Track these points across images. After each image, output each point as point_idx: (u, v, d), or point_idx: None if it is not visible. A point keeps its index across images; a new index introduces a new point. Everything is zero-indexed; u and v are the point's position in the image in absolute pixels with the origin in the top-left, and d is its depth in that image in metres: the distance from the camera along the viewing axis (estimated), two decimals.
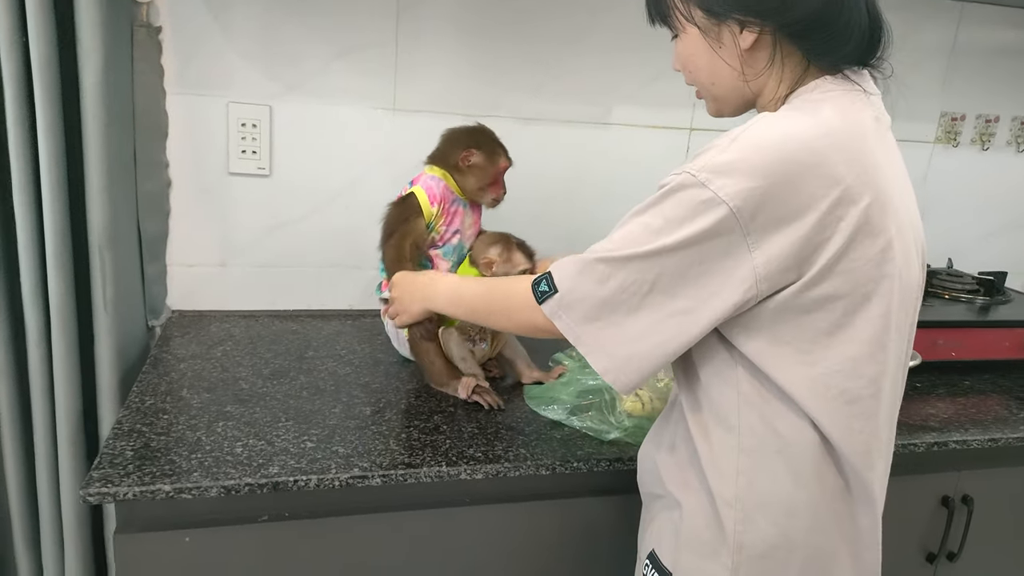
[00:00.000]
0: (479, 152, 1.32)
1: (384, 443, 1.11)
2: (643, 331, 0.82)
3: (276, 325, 1.54)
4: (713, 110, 0.94)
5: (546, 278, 0.89)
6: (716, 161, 0.77)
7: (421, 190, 1.30)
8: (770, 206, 0.75)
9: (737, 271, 0.77)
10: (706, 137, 1.76)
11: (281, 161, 1.53)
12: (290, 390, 1.25)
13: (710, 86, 0.90)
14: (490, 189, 1.34)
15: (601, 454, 1.13)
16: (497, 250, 1.27)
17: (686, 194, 0.78)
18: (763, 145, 0.76)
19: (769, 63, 0.85)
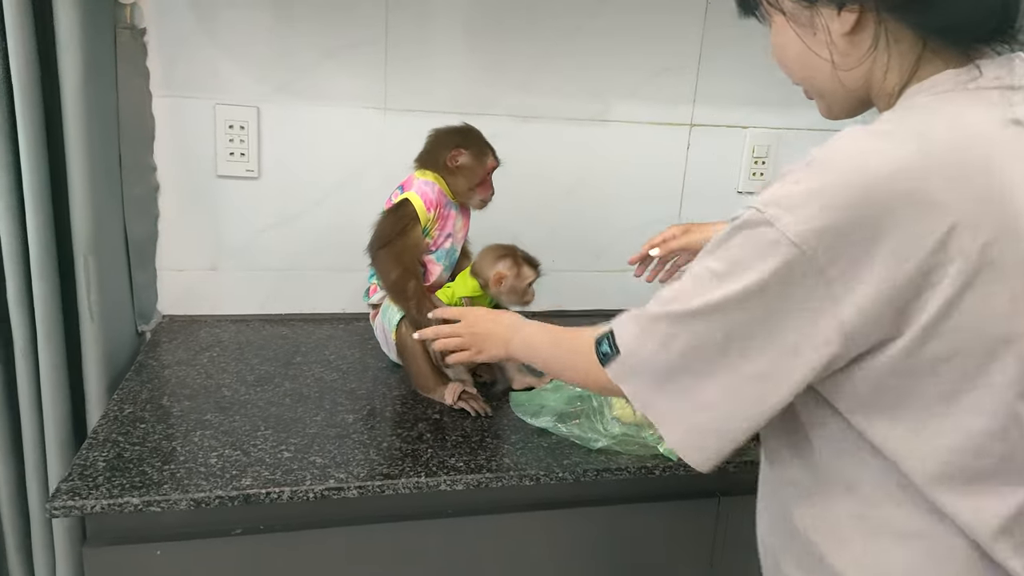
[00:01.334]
0: (467, 152, 1.29)
1: (364, 452, 1.07)
2: (718, 398, 0.69)
3: (266, 330, 1.52)
4: (824, 110, 0.79)
5: (607, 337, 0.78)
6: (786, 193, 0.63)
7: (416, 196, 1.27)
8: (854, 247, 0.61)
9: (819, 326, 0.63)
10: (708, 133, 1.71)
11: (270, 163, 1.51)
12: (273, 397, 1.22)
13: (810, 81, 0.76)
14: (478, 190, 1.30)
15: (588, 463, 1.09)
16: (507, 264, 1.23)
17: (753, 233, 0.65)
18: (842, 171, 0.62)
19: (872, 48, 0.69)
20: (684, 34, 1.63)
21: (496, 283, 1.22)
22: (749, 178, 1.75)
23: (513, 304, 1.25)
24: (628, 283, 1.76)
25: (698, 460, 0.72)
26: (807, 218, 0.61)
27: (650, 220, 1.73)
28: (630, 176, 1.70)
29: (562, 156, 1.64)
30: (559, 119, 1.62)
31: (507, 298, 1.24)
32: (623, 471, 1.09)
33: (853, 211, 0.61)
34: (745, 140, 1.73)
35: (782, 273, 0.63)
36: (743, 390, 0.68)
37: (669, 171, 1.72)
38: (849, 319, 0.62)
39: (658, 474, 1.10)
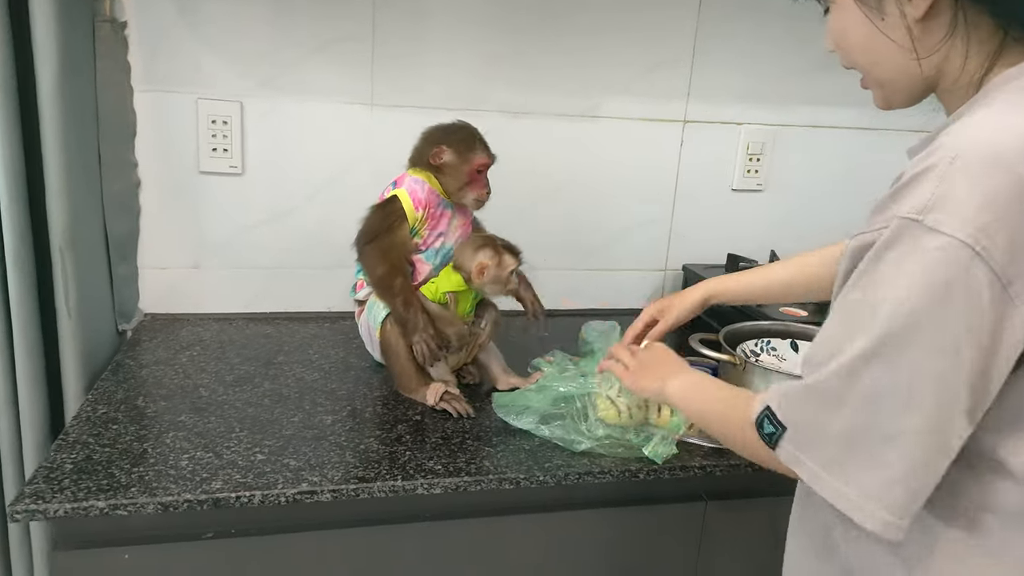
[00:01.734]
0: (449, 149, 1.25)
1: (340, 455, 1.05)
2: (914, 450, 0.60)
3: (250, 329, 1.49)
4: (881, 100, 0.74)
5: (767, 416, 0.69)
6: (941, 195, 0.58)
7: (405, 193, 1.24)
8: (1019, 231, 0.57)
9: (1008, 329, 0.58)
10: (701, 130, 1.68)
11: (254, 159, 1.48)
12: (251, 398, 1.20)
13: (872, 68, 0.71)
14: (469, 188, 1.26)
15: (571, 466, 1.06)
16: (487, 254, 1.20)
17: (911, 244, 0.58)
18: (996, 160, 0.57)
19: (948, 35, 0.65)
20: (678, 28, 1.60)
21: (479, 274, 1.19)
22: (743, 176, 1.72)
23: (496, 294, 1.22)
24: (620, 282, 1.74)
25: (898, 533, 0.62)
26: (974, 216, 0.56)
27: (643, 219, 1.70)
28: (622, 174, 1.66)
29: (553, 153, 1.62)
30: (550, 115, 1.59)
31: (490, 288, 1.21)
32: (606, 474, 1.06)
33: (1015, 201, 0.57)
34: (740, 137, 1.70)
35: (959, 280, 0.57)
36: (941, 429, 0.60)
37: (662, 168, 1.69)
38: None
39: (642, 477, 1.07)
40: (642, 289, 1.75)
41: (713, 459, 1.11)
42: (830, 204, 1.77)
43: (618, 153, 1.65)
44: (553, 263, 1.67)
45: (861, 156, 1.77)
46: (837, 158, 1.76)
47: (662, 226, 1.72)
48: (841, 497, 0.63)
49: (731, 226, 1.76)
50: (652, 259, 1.74)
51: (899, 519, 0.61)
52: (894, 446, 0.60)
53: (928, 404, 0.59)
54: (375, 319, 1.26)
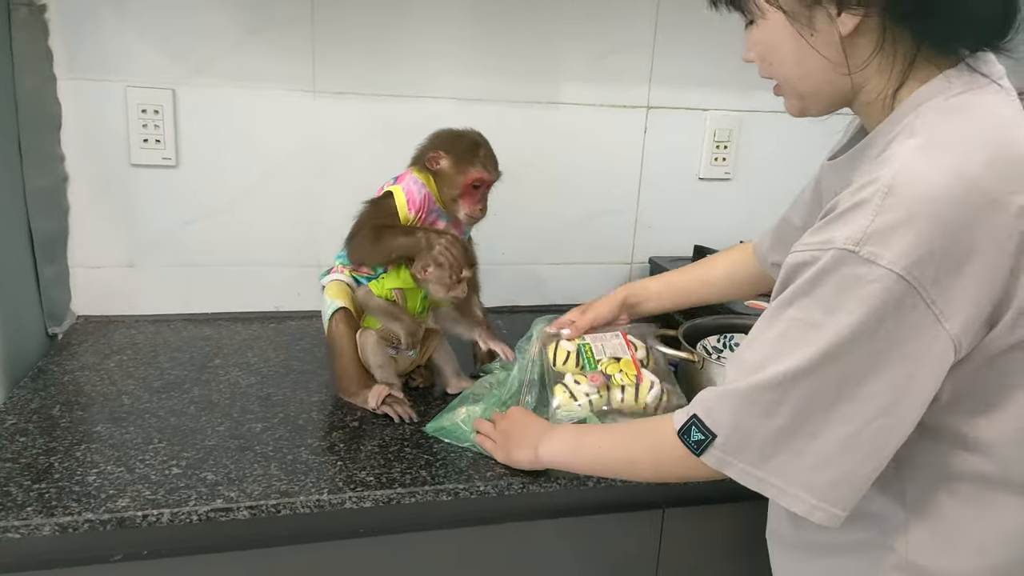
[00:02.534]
0: (447, 157, 1.16)
1: (264, 467, 0.97)
2: (839, 451, 0.67)
3: (188, 330, 1.41)
4: (796, 109, 0.78)
5: (695, 423, 0.73)
6: (876, 228, 0.62)
7: (400, 192, 1.16)
8: (953, 265, 0.62)
9: (932, 346, 0.64)
10: (666, 116, 1.60)
11: (189, 150, 1.40)
12: (176, 405, 1.12)
13: (798, 81, 0.75)
14: (462, 202, 1.17)
15: (514, 476, 0.98)
16: None
17: (848, 273, 0.63)
18: (931, 194, 0.62)
19: (875, 51, 0.70)
20: (637, 9, 1.53)
21: (420, 272, 1.11)
22: (711, 164, 1.65)
23: (440, 297, 1.14)
24: (582, 275, 1.66)
25: (830, 519, 0.68)
26: (908, 250, 0.61)
27: (606, 209, 1.63)
28: (584, 162, 1.59)
29: (509, 141, 1.50)
30: (503, 101, 1.51)
31: (435, 290, 1.13)
32: (553, 483, 0.99)
33: (947, 234, 0.61)
34: (706, 123, 1.63)
35: (891, 307, 0.62)
36: (865, 433, 0.66)
37: (625, 157, 1.62)
38: (956, 329, 0.63)
39: (592, 485, 1.00)
40: (606, 284, 1.67)
41: None
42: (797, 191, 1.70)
43: (579, 141, 1.57)
44: (511, 257, 1.60)
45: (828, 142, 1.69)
46: (806, 145, 1.67)
47: (626, 217, 1.65)
48: (767, 486, 0.69)
49: (698, 216, 1.69)
50: (616, 252, 1.66)
51: (829, 506, 0.67)
52: (819, 441, 0.67)
53: (856, 417, 0.65)
54: (324, 313, 1.18)
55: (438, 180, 1.18)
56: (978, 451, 0.69)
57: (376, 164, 1.24)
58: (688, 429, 0.73)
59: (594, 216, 1.63)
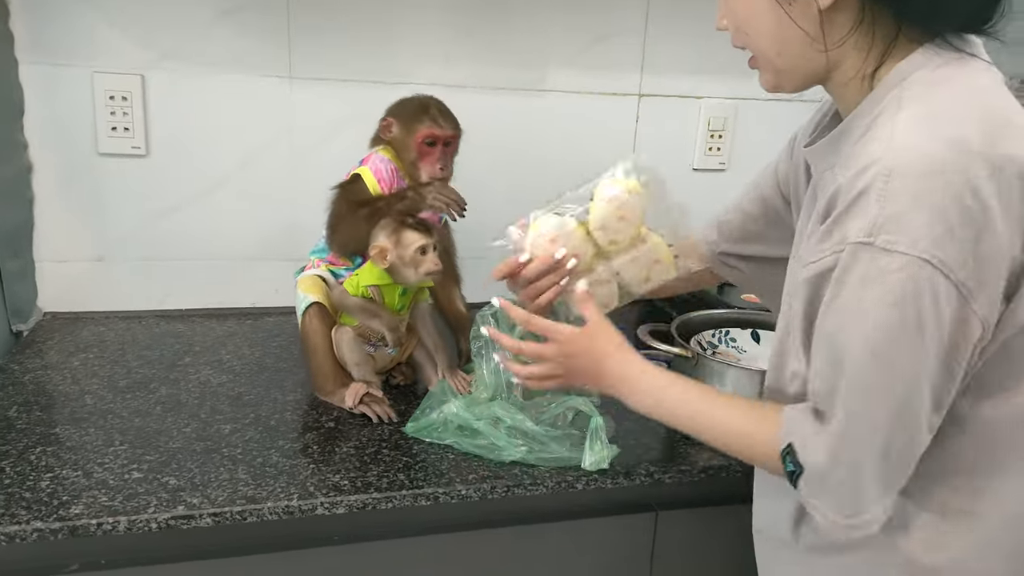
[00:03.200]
0: (396, 121, 1.13)
1: (230, 471, 0.91)
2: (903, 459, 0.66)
3: (160, 327, 1.35)
4: (770, 83, 0.76)
5: (789, 453, 0.69)
6: (887, 216, 0.59)
7: (368, 171, 1.12)
8: (969, 240, 0.59)
9: (967, 331, 0.62)
10: (658, 104, 1.55)
11: (160, 139, 1.34)
12: (142, 405, 1.06)
13: (774, 56, 0.72)
14: (420, 165, 1.13)
15: (499, 478, 0.93)
16: (384, 234, 1.06)
17: (869, 267, 0.60)
18: (935, 166, 0.59)
19: (854, 28, 0.67)
20: None
21: (380, 259, 1.05)
22: (705, 154, 1.59)
23: (412, 280, 1.07)
24: None
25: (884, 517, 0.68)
26: (925, 232, 0.59)
27: None
28: (572, 153, 1.53)
29: (495, 130, 1.47)
30: (489, 89, 1.46)
31: (404, 274, 1.06)
32: (539, 486, 0.93)
33: (960, 205, 0.59)
34: (700, 112, 1.57)
35: (925, 296, 0.59)
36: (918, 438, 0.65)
37: (617, 147, 1.56)
38: (984, 309, 0.61)
39: (581, 487, 0.95)
40: None
41: (660, 466, 0.98)
42: None
43: (568, 130, 1.52)
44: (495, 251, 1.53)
45: None
46: None
47: None
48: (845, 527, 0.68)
49: (693, 209, 1.62)
50: None
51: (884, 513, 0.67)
52: (889, 463, 0.65)
53: (912, 415, 0.63)
54: (297, 308, 1.13)
55: (395, 150, 1.14)
56: (978, 435, 0.68)
57: (357, 154, 1.19)
58: (784, 456, 0.70)
59: None
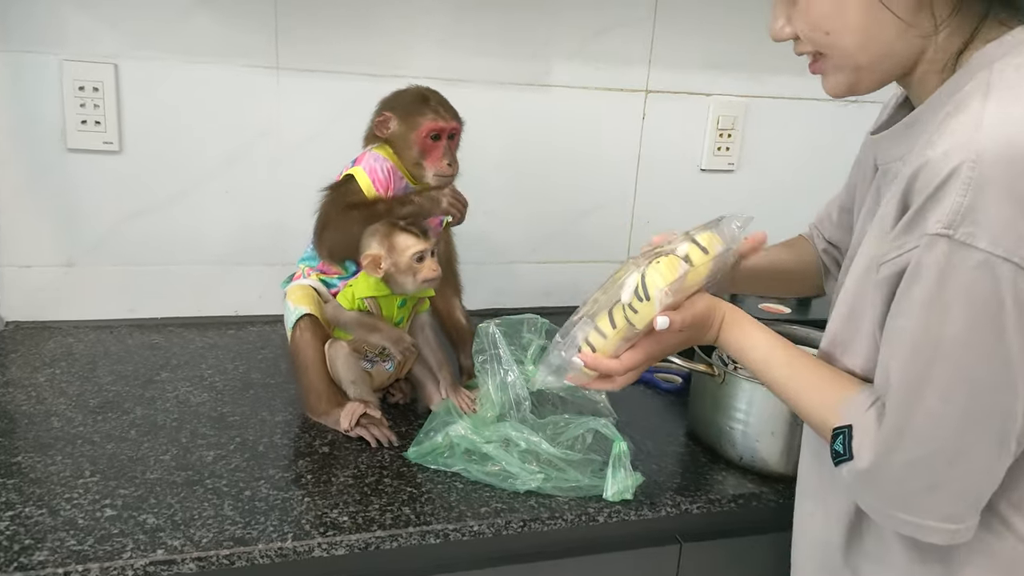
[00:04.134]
0: (394, 116, 1.04)
1: (215, 507, 0.81)
2: (976, 463, 0.60)
3: (134, 338, 1.24)
4: (845, 85, 0.68)
5: (844, 434, 0.64)
6: (967, 204, 0.55)
7: (363, 173, 1.03)
8: None
9: None
10: (666, 101, 1.47)
11: (135, 133, 1.23)
12: (115, 429, 0.96)
13: (856, 51, 0.65)
14: (427, 163, 1.04)
15: (514, 511, 0.84)
16: (377, 240, 0.97)
17: (945, 263, 0.56)
18: (1011, 159, 0.54)
19: (954, 11, 0.62)
20: None
21: (373, 268, 0.96)
22: (713, 154, 1.52)
23: (410, 289, 0.98)
24: (572, 275, 1.52)
25: (967, 534, 0.62)
26: (1009, 226, 0.54)
27: (599, 203, 1.50)
28: (575, 151, 1.45)
29: (494, 128, 1.39)
30: (489, 83, 1.37)
31: (401, 283, 0.98)
32: (558, 519, 0.85)
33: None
34: (709, 109, 1.50)
35: (1007, 297, 0.55)
36: (1002, 436, 0.59)
37: (622, 145, 1.48)
38: None
39: (603, 520, 0.87)
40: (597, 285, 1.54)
41: (687, 495, 0.90)
42: (810, 186, 1.58)
43: (571, 127, 1.44)
44: (497, 256, 1.46)
45: (843, 131, 1.58)
46: (816, 134, 1.56)
47: (622, 212, 1.51)
48: (903, 524, 0.62)
49: (700, 211, 1.55)
50: (610, 249, 1.53)
51: (964, 524, 0.61)
52: (958, 465, 0.59)
53: (988, 418, 0.58)
54: (287, 321, 1.03)
55: (395, 148, 1.05)
56: None
57: (349, 151, 1.10)
58: (838, 435, 0.64)
59: (587, 211, 1.49)
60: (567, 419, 0.95)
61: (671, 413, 1.11)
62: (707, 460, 0.98)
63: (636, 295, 0.74)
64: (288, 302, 1.04)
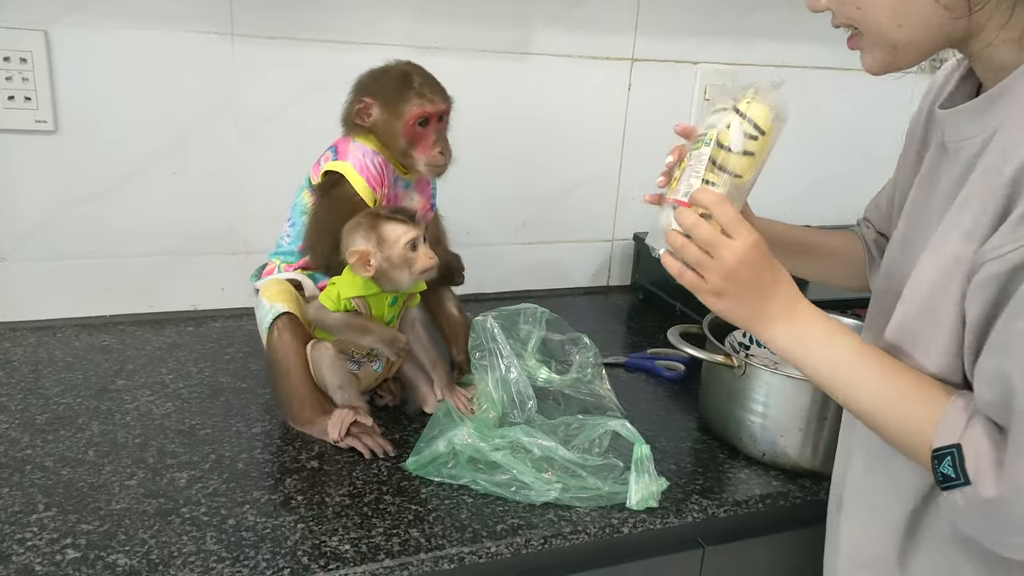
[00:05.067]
0: (375, 103, 0.93)
1: (196, 540, 0.71)
2: None
3: (82, 340, 1.11)
4: (881, 62, 0.62)
5: (953, 455, 0.56)
6: None
7: (352, 170, 0.91)
8: None
9: None
10: (652, 70, 1.39)
11: (71, 110, 1.09)
12: (69, 450, 0.84)
13: (889, 30, 0.60)
14: (416, 152, 0.94)
15: (533, 526, 0.77)
16: (361, 234, 0.87)
17: None
18: None
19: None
20: None
21: (362, 266, 0.86)
22: None
23: (405, 284, 0.89)
24: (556, 256, 1.44)
25: None
26: None
27: (584, 178, 1.41)
28: (558, 124, 1.36)
29: (471, 99, 1.24)
30: (466, 51, 1.26)
31: (395, 278, 0.88)
32: (580, 533, 0.78)
33: None
34: (696, 78, 1.42)
35: None
36: None
37: (607, 117, 1.40)
38: None
39: (627, 532, 0.80)
40: (584, 266, 1.47)
41: (712, 498, 0.84)
42: (798, 158, 1.53)
43: (553, 98, 1.34)
44: (475, 238, 1.36)
45: (828, 101, 1.53)
46: (809, 104, 1.50)
47: (607, 187, 1.44)
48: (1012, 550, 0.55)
49: None
50: (596, 228, 1.45)
51: None
52: None
53: None
54: (262, 320, 0.92)
55: (379, 138, 0.94)
56: None
57: (312, 127, 0.99)
58: (943, 456, 0.56)
59: (571, 187, 1.41)
60: (581, 420, 0.88)
61: (678, 404, 1.05)
62: (726, 457, 0.92)
63: (747, 136, 0.65)
64: (262, 299, 0.93)
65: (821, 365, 0.65)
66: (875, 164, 1.62)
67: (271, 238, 1.02)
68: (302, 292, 0.96)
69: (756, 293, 0.65)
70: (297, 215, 0.97)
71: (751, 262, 0.64)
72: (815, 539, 0.80)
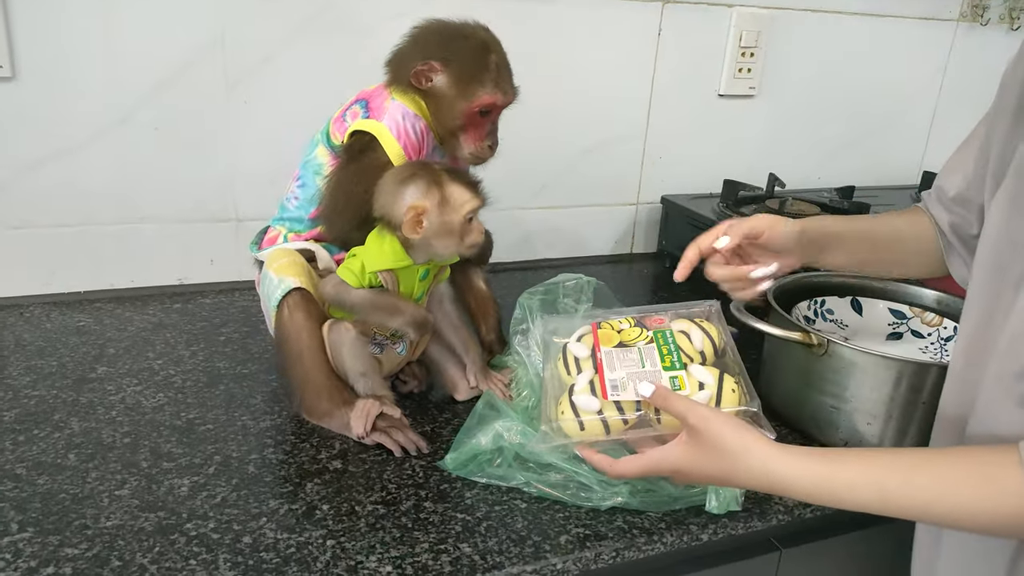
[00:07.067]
0: (445, 70, 0.79)
1: (207, 565, 0.59)
2: None
3: (54, 320, 0.97)
4: None
5: None
6: None
7: (390, 136, 0.78)
8: None
9: None
10: (684, 13, 1.26)
11: (29, 55, 0.94)
12: (45, 453, 0.71)
13: None
14: (465, 136, 0.82)
15: (600, 536, 0.66)
16: (421, 190, 0.74)
17: None
18: None
19: None
20: None
21: (413, 227, 0.74)
22: (734, 76, 1.32)
23: (446, 255, 0.78)
24: (577, 221, 1.32)
25: None
26: None
27: (609, 136, 1.29)
28: (581, 75, 1.23)
29: None
30: None
31: (438, 247, 0.76)
32: (656, 543, 0.67)
33: None
34: (731, 22, 1.29)
35: None
36: None
37: (634, 68, 1.27)
38: None
39: (707, 539, 0.69)
40: (607, 231, 1.35)
41: None
42: (835, 113, 1.42)
43: (576, 45, 1.21)
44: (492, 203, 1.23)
45: (868, 50, 1.41)
46: (850, 53, 1.39)
47: (633, 146, 1.31)
48: None
49: (717, 143, 1.37)
50: (620, 190, 1.33)
51: None
52: None
53: None
54: (269, 297, 0.79)
55: (430, 103, 0.81)
56: None
57: (312, 73, 0.86)
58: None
59: (594, 146, 1.28)
60: None
61: None
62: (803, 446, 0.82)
63: None
64: (269, 272, 0.80)
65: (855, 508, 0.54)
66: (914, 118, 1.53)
67: (266, 203, 0.89)
68: (314, 264, 0.83)
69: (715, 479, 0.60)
70: (310, 174, 0.83)
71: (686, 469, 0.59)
72: (893, 534, 0.70)
